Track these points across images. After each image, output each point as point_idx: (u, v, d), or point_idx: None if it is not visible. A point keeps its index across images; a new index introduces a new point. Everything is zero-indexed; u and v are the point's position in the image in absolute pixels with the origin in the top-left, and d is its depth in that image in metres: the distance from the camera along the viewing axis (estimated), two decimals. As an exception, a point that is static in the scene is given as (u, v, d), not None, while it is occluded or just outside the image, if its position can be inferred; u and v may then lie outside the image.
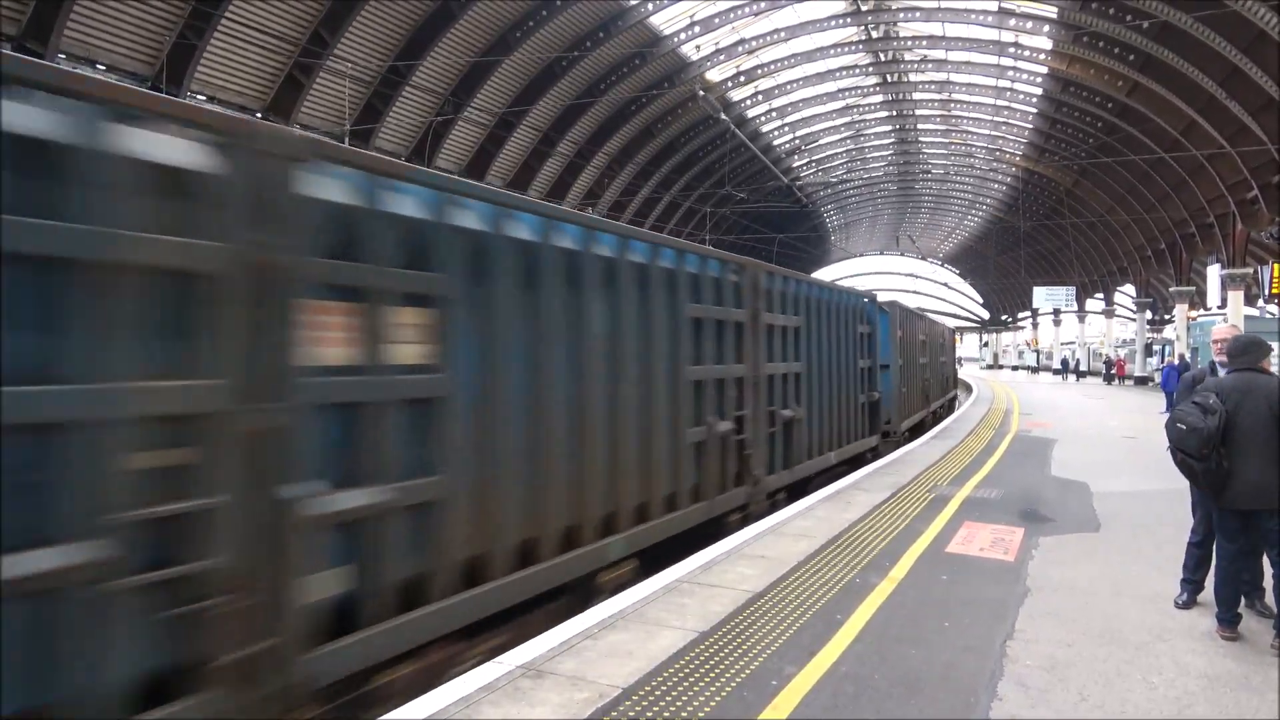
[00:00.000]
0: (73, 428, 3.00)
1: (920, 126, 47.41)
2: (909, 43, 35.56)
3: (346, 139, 24.34)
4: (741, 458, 8.47)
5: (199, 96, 21.62)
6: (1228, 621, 5.30)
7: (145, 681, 3.19)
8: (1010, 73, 35.60)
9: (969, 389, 36.72)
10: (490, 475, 4.96)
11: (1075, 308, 56.82)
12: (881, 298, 16.21)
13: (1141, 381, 43.09)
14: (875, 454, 14.41)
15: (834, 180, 56.69)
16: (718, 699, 4.21)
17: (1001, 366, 76.36)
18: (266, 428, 3.62)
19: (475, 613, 4.80)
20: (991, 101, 39.83)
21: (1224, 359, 5.81)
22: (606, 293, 6.19)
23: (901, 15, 32.32)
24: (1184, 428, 5.23)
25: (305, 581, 3.77)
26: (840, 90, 41.29)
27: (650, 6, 29.41)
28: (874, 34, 34.87)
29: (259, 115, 23.09)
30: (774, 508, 9.30)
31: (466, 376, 4.82)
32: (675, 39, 31.88)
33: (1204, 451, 5.11)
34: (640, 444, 6.52)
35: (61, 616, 2.94)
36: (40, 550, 2.88)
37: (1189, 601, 5.86)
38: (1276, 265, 26.55)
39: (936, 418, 23.36)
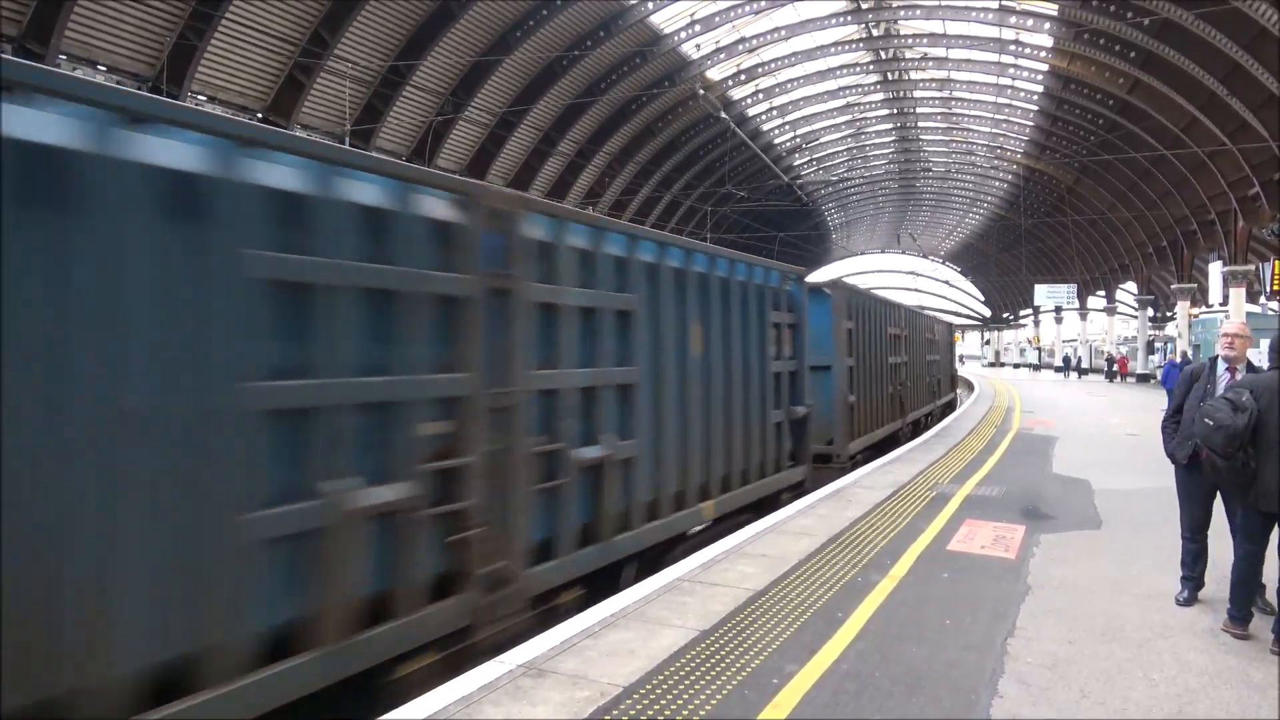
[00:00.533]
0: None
1: (921, 124, 47.37)
2: (909, 41, 35.51)
3: (347, 139, 24.37)
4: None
5: (199, 97, 21.64)
6: (1240, 619, 5.23)
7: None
8: (1011, 70, 35.56)
9: (970, 387, 36.70)
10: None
11: (1077, 305, 56.72)
12: (885, 296, 15.79)
13: (1143, 379, 43.06)
14: (799, 491, 10.53)
15: (835, 178, 56.64)
16: (719, 697, 4.21)
17: (1003, 364, 76.28)
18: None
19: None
20: (992, 99, 39.79)
21: (1230, 354, 5.77)
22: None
23: (902, 13, 32.28)
24: (1211, 424, 5.06)
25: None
26: (841, 88, 41.25)
27: (650, 5, 29.39)
28: (874, 32, 34.83)
29: (259, 116, 23.12)
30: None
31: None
32: (675, 38, 31.86)
33: (1230, 450, 4.96)
34: None
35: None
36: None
37: (1189, 599, 5.86)
38: (1278, 262, 26.46)
39: (921, 427, 20.07)
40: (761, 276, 9.54)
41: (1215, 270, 33.46)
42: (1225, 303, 31.82)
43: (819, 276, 29.30)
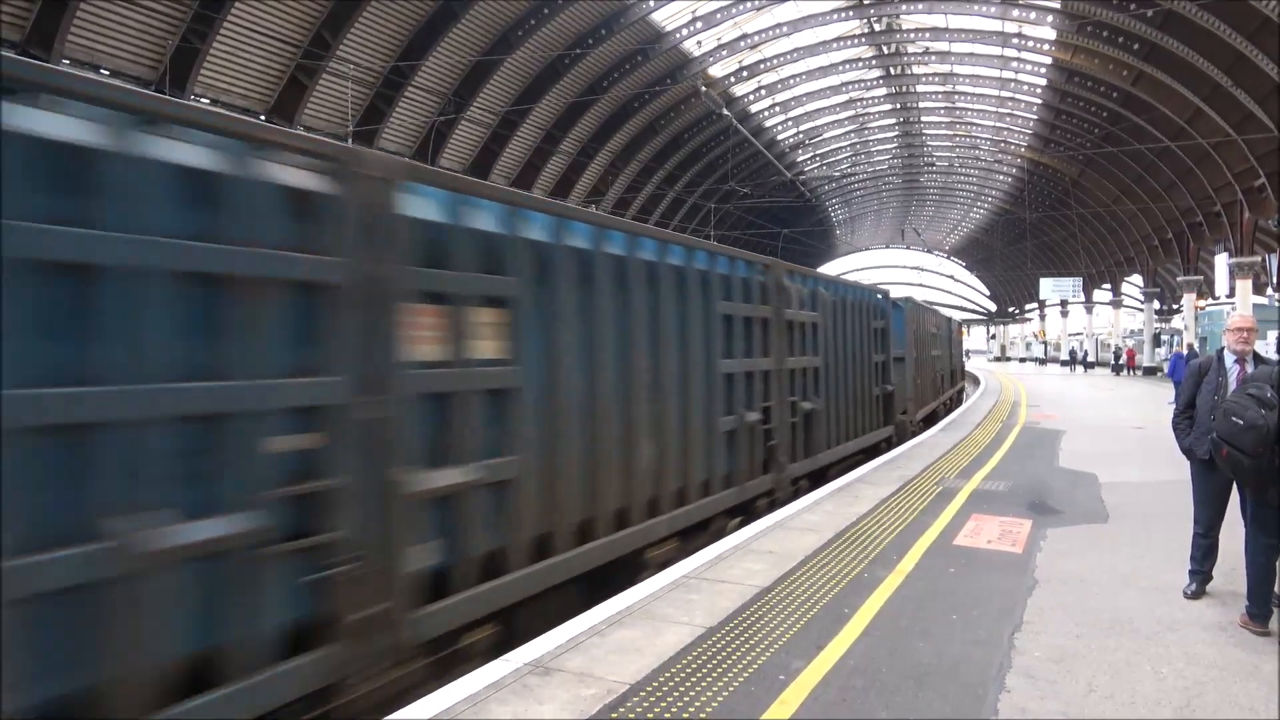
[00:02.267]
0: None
1: (924, 119, 47.28)
2: (912, 35, 35.45)
3: (350, 140, 24.38)
4: (767, 447, 9.30)
5: (202, 100, 21.67)
6: (1261, 616, 5.17)
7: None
8: (1014, 64, 35.47)
9: (976, 381, 36.63)
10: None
11: (1082, 299, 56.58)
12: (892, 292, 16.38)
13: (1150, 372, 42.93)
14: (890, 444, 14.88)
15: (838, 174, 56.53)
16: (725, 694, 4.21)
17: (1009, 358, 76.11)
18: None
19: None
20: (995, 93, 39.68)
21: (1240, 348, 5.70)
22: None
23: (904, 8, 32.18)
24: (1240, 422, 4.95)
25: None
26: (844, 84, 41.19)
27: (652, 3, 29.38)
28: (877, 27, 34.77)
29: (262, 118, 23.14)
30: (797, 494, 10.12)
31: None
32: (677, 35, 31.83)
33: (1259, 449, 4.87)
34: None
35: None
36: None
37: (1198, 592, 5.83)
38: (1284, 253, 26.48)
39: (947, 408, 23.90)
40: (868, 296, 14.08)
41: (1221, 262, 33.37)
42: (1231, 295, 31.72)
43: (828, 270, 29.37)
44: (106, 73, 19.81)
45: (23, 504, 2.93)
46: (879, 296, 14.90)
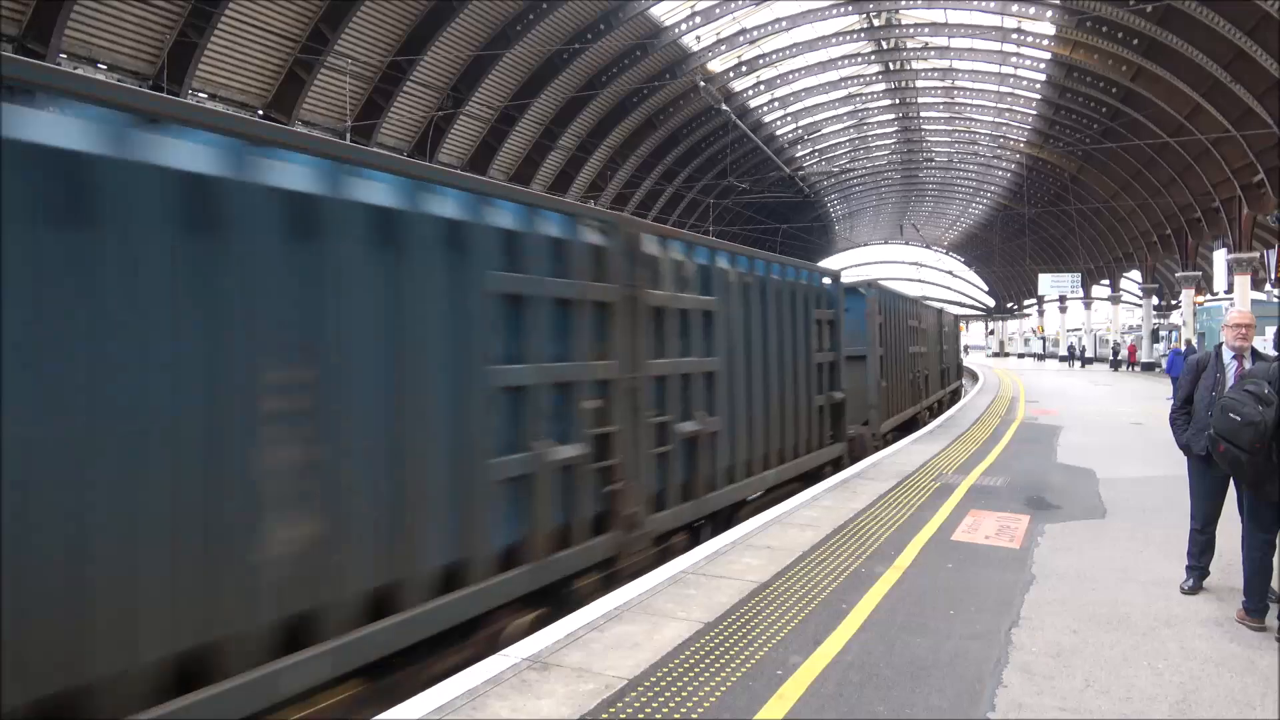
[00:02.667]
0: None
1: (923, 114, 47.26)
2: (911, 30, 35.41)
3: (348, 135, 24.36)
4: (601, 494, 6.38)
5: (200, 95, 21.64)
6: (1258, 611, 5.18)
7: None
8: (1013, 59, 35.43)
9: (975, 377, 36.65)
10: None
11: (1081, 294, 56.63)
12: (890, 287, 15.52)
13: (1148, 367, 42.97)
14: (838, 465, 11.82)
15: (837, 170, 56.54)
16: (723, 689, 4.22)
17: (1007, 354, 76.20)
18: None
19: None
20: (995, 88, 39.66)
21: (1238, 343, 5.70)
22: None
23: (904, 2, 32.19)
24: (1238, 419, 4.95)
25: None
26: (843, 79, 41.16)
27: (650, -2, 29.35)
28: (876, 22, 34.74)
29: (260, 113, 23.12)
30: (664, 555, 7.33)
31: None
32: (676, 30, 31.78)
33: (1257, 445, 4.86)
34: None
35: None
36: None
37: (1195, 587, 5.85)
38: (1283, 249, 26.50)
39: (934, 412, 21.60)
40: (806, 278, 11.46)
41: (1220, 258, 33.38)
42: (1230, 290, 31.74)
43: (827, 265, 29.14)
44: (104, 67, 19.78)
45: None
46: (824, 280, 11.86)
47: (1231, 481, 5.56)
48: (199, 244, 3.59)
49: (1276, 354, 5.27)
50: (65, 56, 18.67)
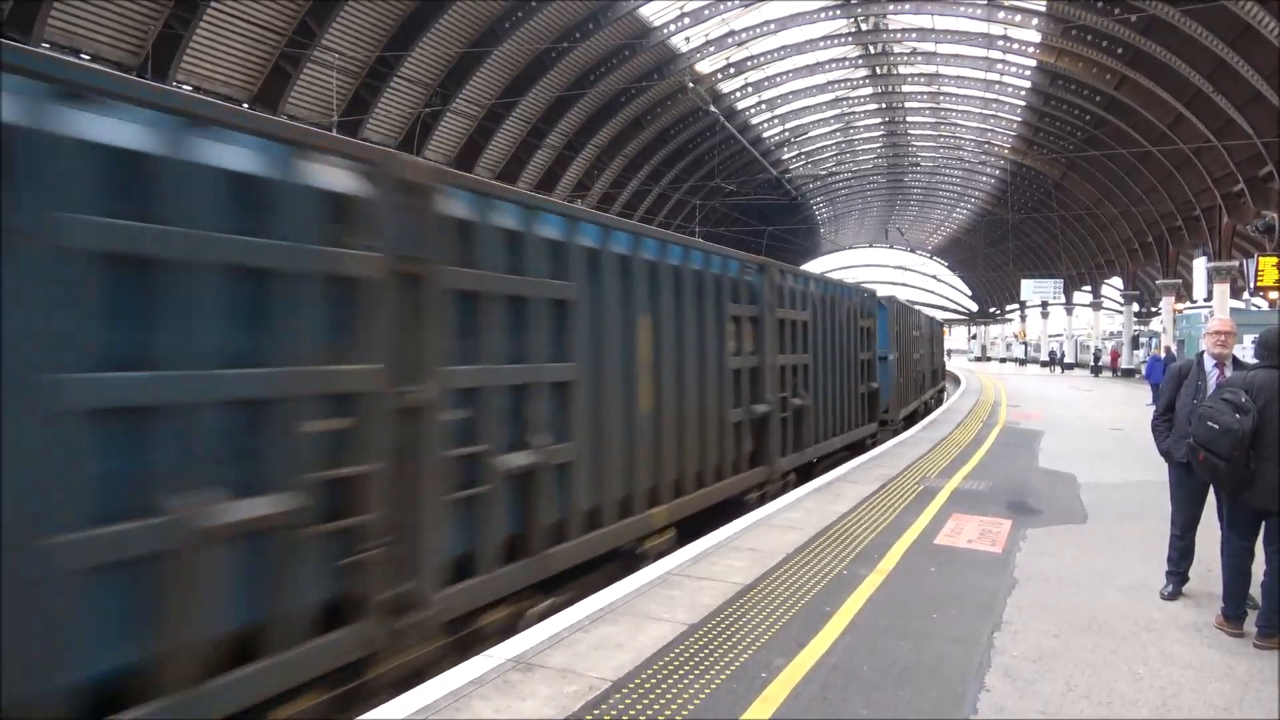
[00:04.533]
0: None
1: (909, 119, 47.45)
2: (898, 35, 35.55)
3: (334, 130, 24.20)
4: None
5: (185, 86, 21.43)
6: (1236, 617, 5.21)
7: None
8: (999, 65, 35.67)
9: (957, 381, 36.87)
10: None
11: (1063, 300, 57.03)
12: (880, 292, 16.79)
13: (1128, 373, 43.34)
14: (874, 440, 15.22)
15: (823, 173, 56.70)
16: (707, 691, 4.22)
17: (989, 359, 76.64)
18: None
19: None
20: (980, 94, 39.87)
21: (1219, 351, 5.74)
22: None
23: (891, 8, 32.27)
24: (1216, 427, 4.98)
25: None
26: (830, 82, 41.27)
27: (639, -2, 29.32)
28: (864, 26, 34.86)
29: (245, 106, 22.93)
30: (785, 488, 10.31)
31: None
32: (665, 30, 31.77)
33: (1235, 453, 4.90)
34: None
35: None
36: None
37: (1174, 593, 5.90)
38: (1262, 258, 26.66)
39: (928, 407, 24.16)
40: (856, 295, 14.59)
41: (1200, 266, 33.65)
42: (1210, 298, 32.03)
43: (811, 268, 29.46)
44: (87, 57, 19.57)
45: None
46: (866, 295, 15.35)
47: (1211, 489, 5.62)
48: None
49: (1255, 362, 5.32)
50: (48, 46, 18.45)
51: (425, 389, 4.64)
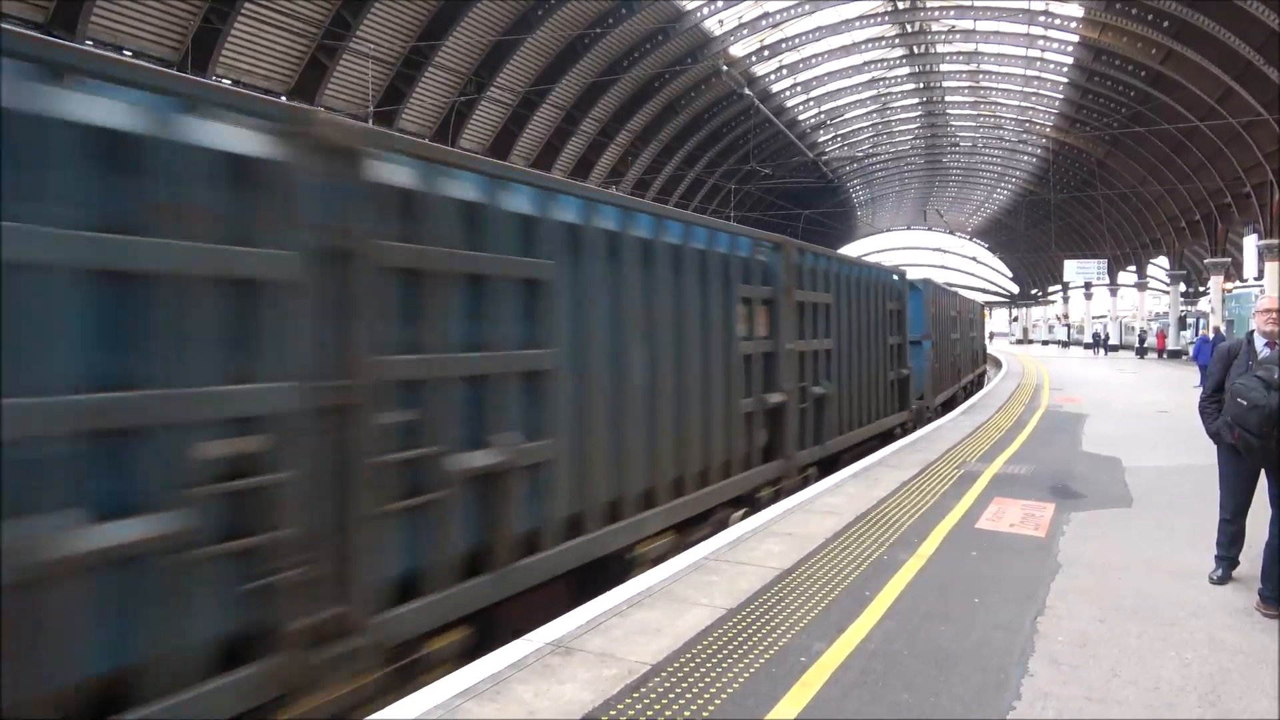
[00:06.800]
0: None
1: (948, 99, 46.76)
2: (935, 13, 34.99)
3: (370, 120, 24.41)
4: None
5: (224, 80, 21.74)
6: (1275, 600, 5.12)
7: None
8: (1040, 42, 34.97)
9: (998, 364, 36.36)
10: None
11: (1107, 281, 55.95)
12: (911, 274, 16.16)
13: (1175, 355, 42.42)
14: (905, 429, 14.53)
15: (860, 155, 56.10)
16: (746, 675, 4.22)
17: (1031, 341, 75.50)
18: None
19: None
20: (1021, 72, 39.17)
21: (1270, 330, 5.60)
22: None
23: (929, -15, 31.84)
24: (1245, 403, 5.07)
25: None
26: (866, 63, 40.79)
27: (673, -19, 29.18)
28: (900, 5, 34.36)
29: (284, 98, 23.20)
30: (805, 483, 9.57)
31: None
32: (698, 14, 31.62)
33: (1265, 429, 4.92)
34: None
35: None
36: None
37: (1224, 577, 5.77)
38: (1315, 235, 26.01)
39: (967, 392, 23.55)
40: (883, 276, 13.84)
41: (1250, 244, 32.87)
42: (1260, 277, 31.24)
43: (849, 251, 29.28)
44: (130, 53, 19.91)
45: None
46: (895, 278, 14.60)
47: (1264, 471, 5.49)
48: None
49: None
50: (91, 43, 18.81)
51: (349, 384, 3.89)
